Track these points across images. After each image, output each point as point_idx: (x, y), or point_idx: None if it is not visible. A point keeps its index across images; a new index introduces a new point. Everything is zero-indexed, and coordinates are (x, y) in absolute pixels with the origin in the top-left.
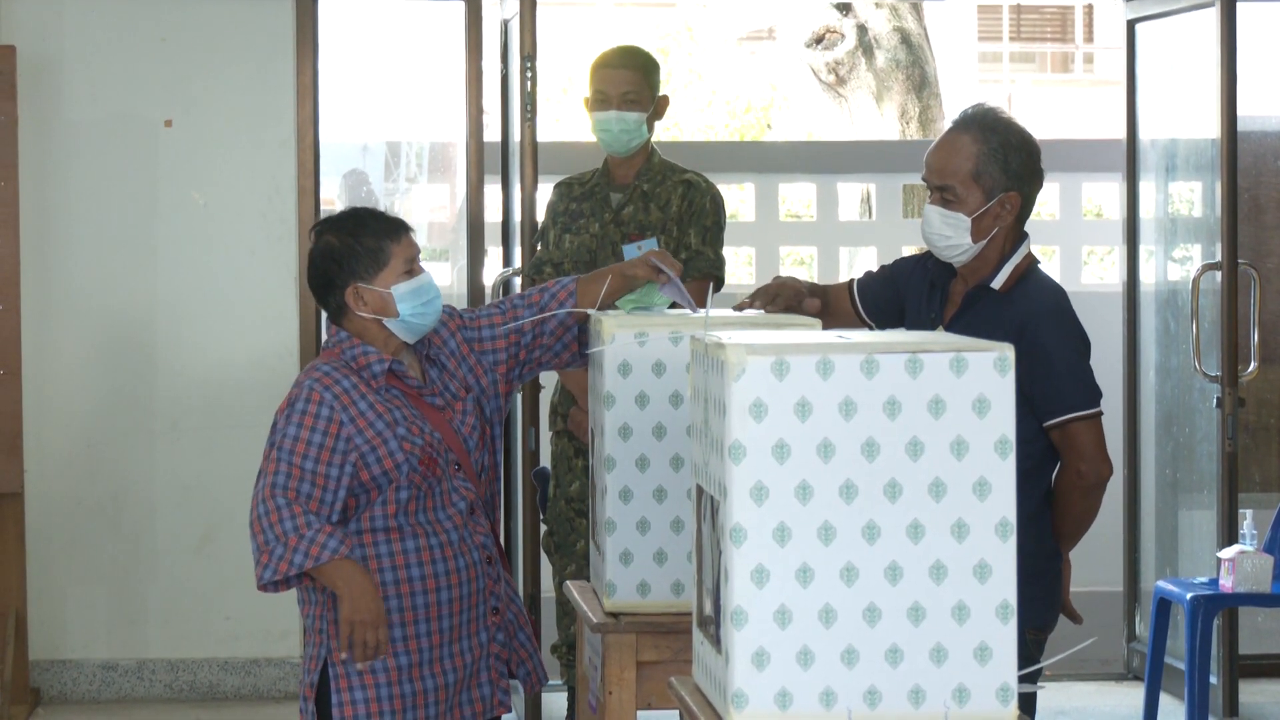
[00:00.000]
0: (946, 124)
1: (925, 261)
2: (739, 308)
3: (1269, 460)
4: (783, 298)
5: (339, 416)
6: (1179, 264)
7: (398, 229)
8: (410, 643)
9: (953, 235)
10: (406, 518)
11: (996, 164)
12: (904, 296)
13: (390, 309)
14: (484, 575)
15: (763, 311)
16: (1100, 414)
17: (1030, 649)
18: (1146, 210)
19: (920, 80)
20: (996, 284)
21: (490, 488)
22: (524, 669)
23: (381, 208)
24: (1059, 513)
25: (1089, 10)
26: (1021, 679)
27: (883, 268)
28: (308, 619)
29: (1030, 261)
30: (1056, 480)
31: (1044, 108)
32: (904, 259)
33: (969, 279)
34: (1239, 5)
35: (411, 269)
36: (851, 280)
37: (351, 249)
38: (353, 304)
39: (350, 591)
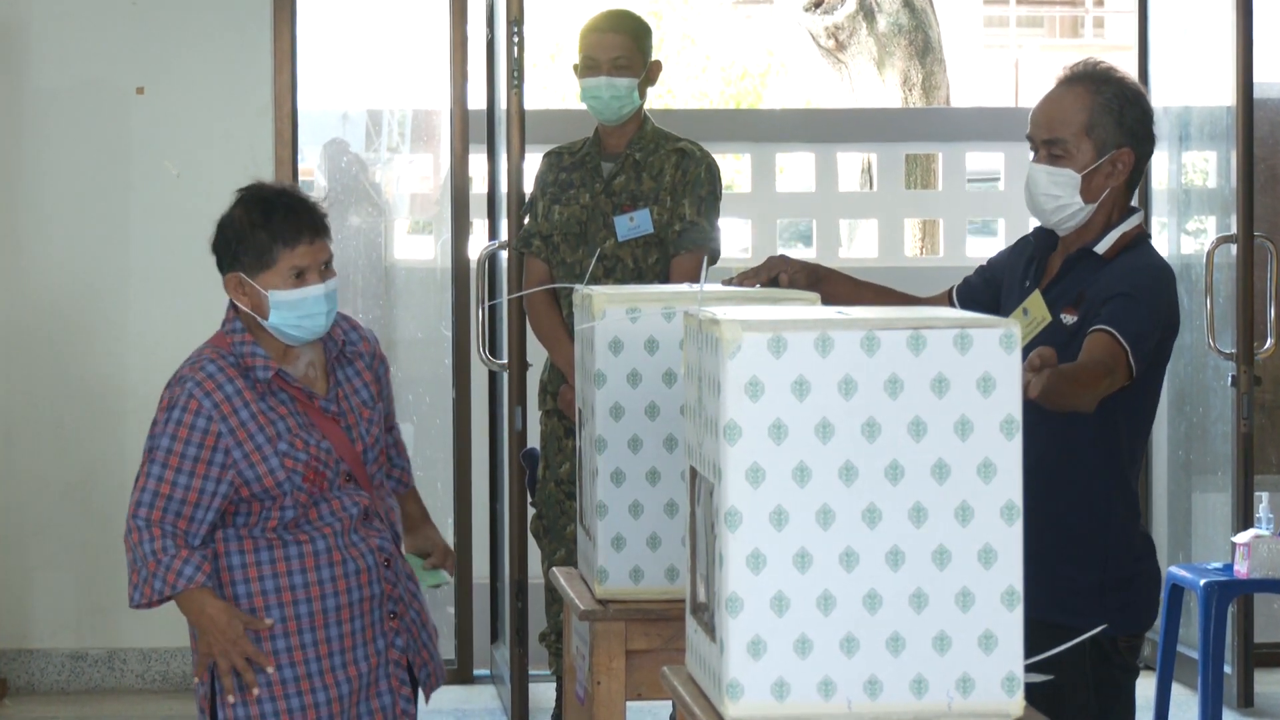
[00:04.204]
0: (951, 91)
1: (1025, 241)
2: (729, 283)
3: None
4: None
5: (216, 427)
6: (1193, 237)
7: (296, 235)
8: (295, 654)
9: (1062, 195)
10: (287, 530)
11: (1111, 117)
12: (1000, 287)
13: (264, 310)
14: (380, 580)
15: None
16: (1126, 354)
17: (1125, 656)
18: (1159, 181)
19: (923, 46)
20: (1101, 249)
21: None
22: (425, 670)
23: (363, 178)
24: (1080, 368)
25: None
26: (1028, 668)
27: (979, 269)
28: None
29: (1140, 232)
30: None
31: (1052, 74)
32: (1001, 252)
33: (1070, 246)
34: None
35: (303, 277)
36: (951, 289)
37: (243, 236)
38: (232, 291)
39: (202, 623)
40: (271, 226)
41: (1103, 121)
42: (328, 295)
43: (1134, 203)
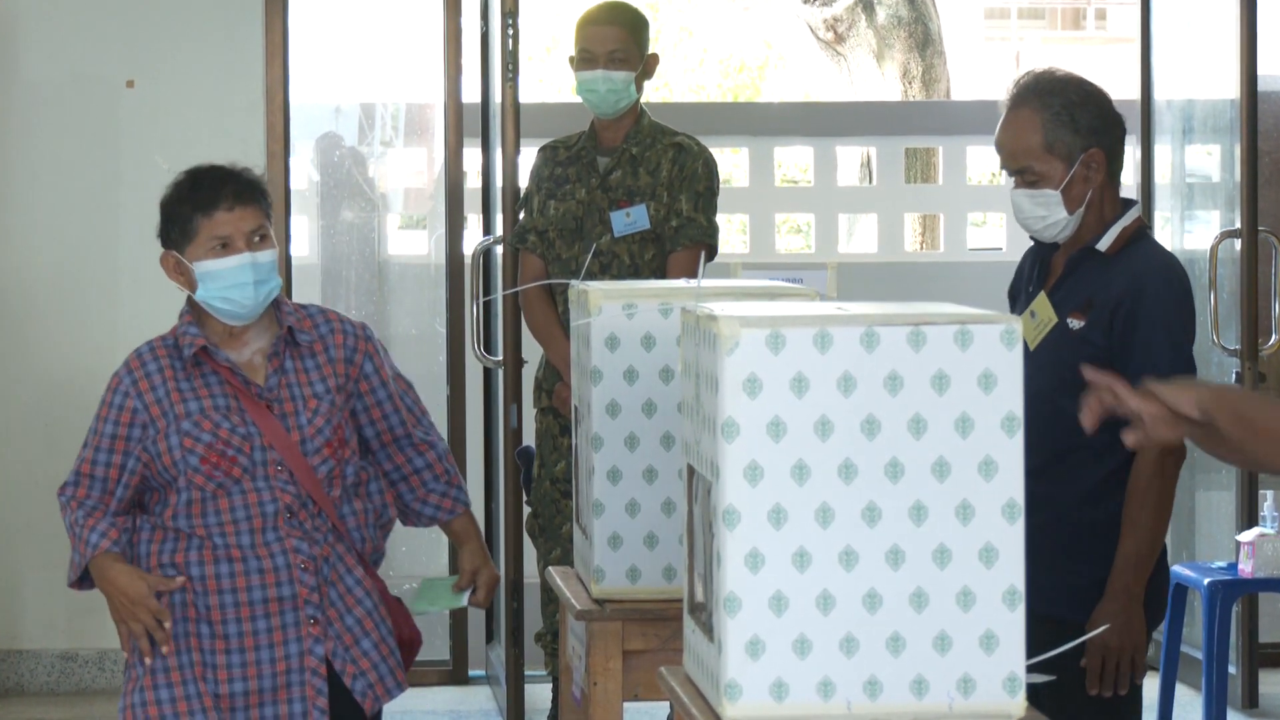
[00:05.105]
0: (951, 84)
1: (1030, 250)
2: None
3: None
4: None
5: (131, 403)
6: (1196, 231)
7: (213, 202)
8: (191, 639)
9: (1048, 214)
10: (189, 519)
11: (1065, 127)
12: (1016, 300)
13: (194, 285)
14: (293, 582)
15: None
16: None
17: None
18: (1162, 175)
19: (923, 38)
20: (1102, 246)
21: (349, 494)
22: (363, 681)
23: (356, 172)
24: (1130, 496)
25: None
26: (1030, 668)
27: (1009, 291)
28: None
29: (1140, 225)
30: (1135, 461)
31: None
32: (1020, 264)
33: (1072, 247)
34: None
35: (229, 246)
36: None
37: (169, 212)
38: (169, 272)
39: (107, 590)
40: (193, 197)
41: (1059, 135)
42: (255, 265)
43: (1135, 196)
